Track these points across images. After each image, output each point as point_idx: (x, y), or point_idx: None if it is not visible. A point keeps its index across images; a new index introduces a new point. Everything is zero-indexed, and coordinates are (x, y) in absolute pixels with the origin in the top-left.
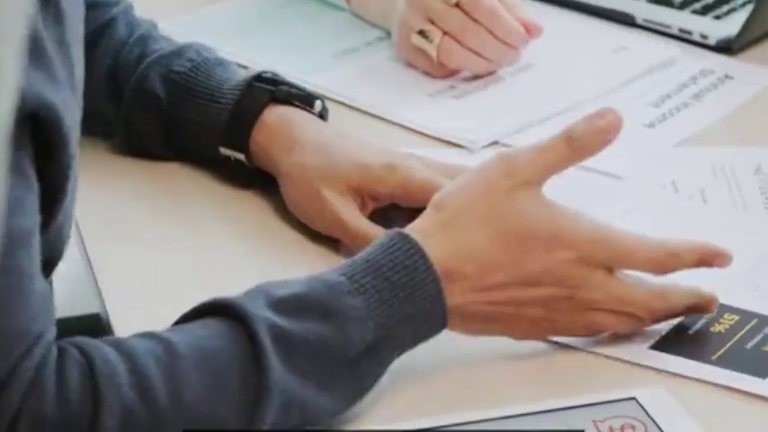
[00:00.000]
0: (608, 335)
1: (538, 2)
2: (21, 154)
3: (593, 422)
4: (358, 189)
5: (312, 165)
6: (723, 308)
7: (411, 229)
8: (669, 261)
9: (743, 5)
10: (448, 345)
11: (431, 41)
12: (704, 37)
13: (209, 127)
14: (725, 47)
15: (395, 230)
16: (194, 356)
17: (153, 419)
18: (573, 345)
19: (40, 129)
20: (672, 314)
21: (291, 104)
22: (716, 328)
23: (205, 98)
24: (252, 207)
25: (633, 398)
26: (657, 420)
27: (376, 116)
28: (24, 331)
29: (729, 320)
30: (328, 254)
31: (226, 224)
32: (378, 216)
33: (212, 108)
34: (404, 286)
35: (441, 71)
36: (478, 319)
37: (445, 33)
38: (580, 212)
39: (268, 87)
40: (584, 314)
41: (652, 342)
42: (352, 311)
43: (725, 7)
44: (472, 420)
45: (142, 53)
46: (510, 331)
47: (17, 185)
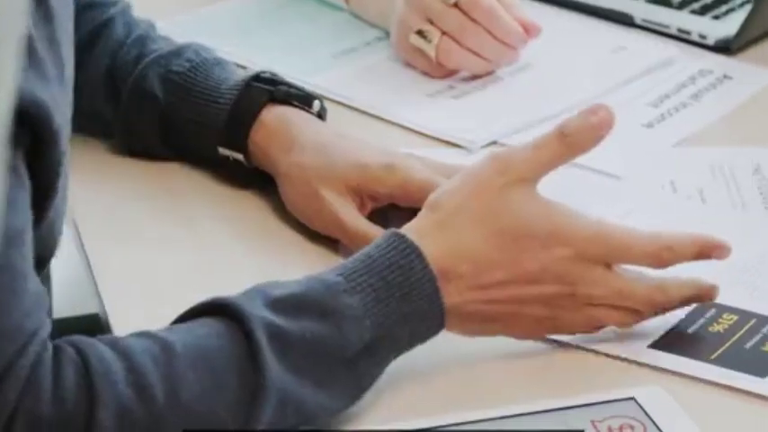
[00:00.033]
0: (607, 333)
1: (536, 2)
2: (12, 152)
3: (591, 422)
4: (357, 189)
5: (311, 165)
6: (722, 308)
7: (407, 230)
8: (667, 254)
9: (741, 5)
10: (447, 345)
11: (429, 41)
12: (703, 37)
13: (207, 127)
14: (723, 47)
15: (391, 230)
16: (191, 355)
17: (150, 418)
18: (572, 344)
19: (31, 126)
20: (672, 306)
21: (290, 104)
22: (714, 328)
23: (204, 98)
24: (251, 207)
25: (632, 398)
26: (656, 420)
27: (375, 116)
28: (18, 329)
29: (728, 320)
30: (327, 254)
31: (225, 224)
32: (377, 216)
33: (211, 108)
34: (400, 285)
35: (439, 71)
36: (477, 319)
37: (444, 33)
38: (576, 209)
39: (266, 87)
40: (584, 310)
41: (651, 341)
42: (348, 310)
43: (723, 7)
44: (471, 420)
45: (140, 53)
46: (511, 331)
47: (9, 184)
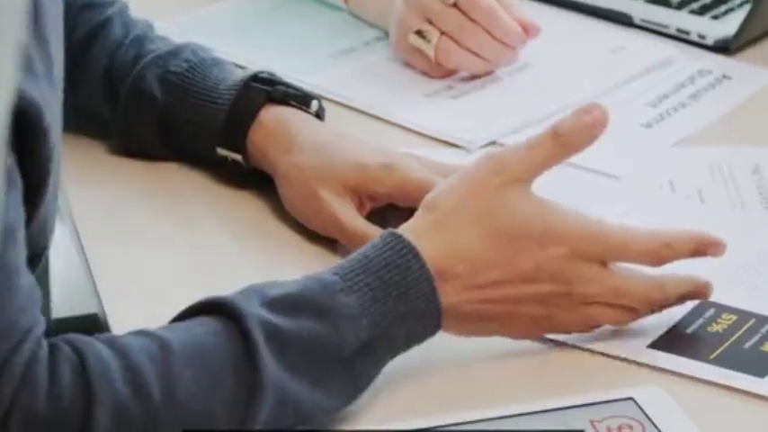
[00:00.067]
0: (606, 333)
1: (535, 2)
2: (4, 150)
3: (590, 422)
4: (355, 189)
5: (309, 165)
6: (721, 308)
7: (404, 230)
8: (663, 252)
9: (740, 5)
10: (445, 344)
11: (428, 41)
12: (702, 37)
13: (205, 127)
14: (722, 47)
15: (388, 230)
16: (188, 354)
17: (146, 416)
18: (570, 344)
19: (21, 124)
20: (668, 303)
21: (288, 104)
22: (713, 328)
23: (202, 99)
24: (249, 207)
25: (631, 398)
26: (655, 420)
27: (373, 116)
28: (12, 326)
29: (727, 320)
30: (326, 254)
31: (223, 224)
32: (375, 216)
33: (209, 108)
34: (397, 285)
35: (438, 71)
36: (473, 319)
37: (443, 33)
38: (571, 208)
39: (264, 87)
40: (580, 309)
41: (650, 341)
42: (345, 309)
43: (722, 7)
44: (469, 420)
45: (138, 54)
46: (507, 330)
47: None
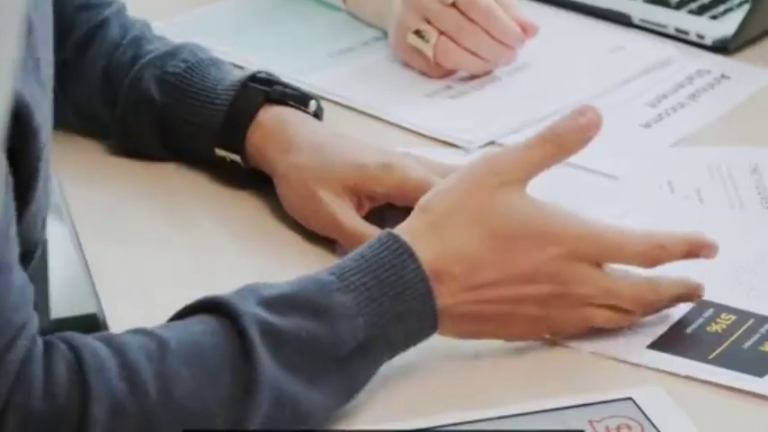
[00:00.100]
0: (605, 333)
1: (534, 1)
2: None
3: (589, 422)
4: (354, 189)
5: (308, 165)
6: (720, 308)
7: (400, 230)
8: (658, 253)
9: (739, 5)
10: (444, 344)
11: (427, 41)
12: (701, 37)
13: (204, 128)
14: (721, 47)
15: (384, 231)
16: (185, 352)
17: (142, 414)
18: (569, 344)
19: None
20: (662, 305)
21: (286, 104)
22: (713, 328)
23: (200, 99)
24: (248, 207)
25: (630, 398)
26: (654, 420)
27: (372, 116)
28: (5, 324)
29: (726, 320)
30: (325, 254)
31: (222, 225)
32: (374, 216)
33: (207, 109)
34: (393, 285)
35: (437, 71)
36: (471, 320)
37: (441, 33)
38: (567, 209)
39: (262, 88)
40: (578, 310)
41: (649, 342)
42: (341, 308)
43: (721, 7)
44: (468, 420)
45: (136, 54)
46: (505, 331)
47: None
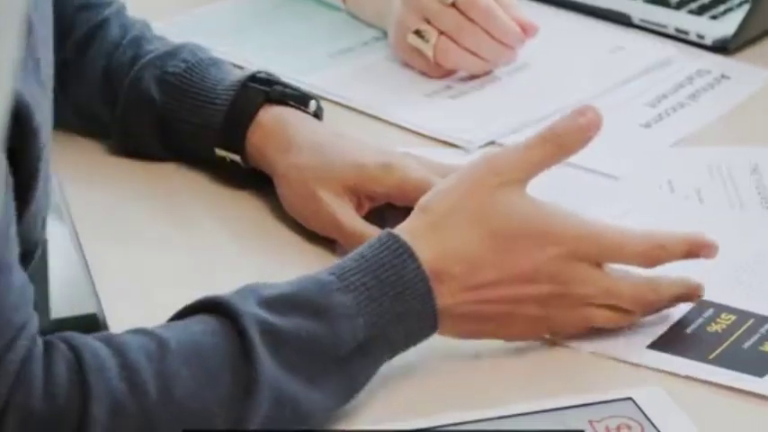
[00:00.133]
0: (605, 333)
1: (534, 1)
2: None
3: (589, 422)
4: (354, 189)
5: (308, 165)
6: (720, 307)
7: (400, 230)
8: (657, 253)
9: (739, 5)
10: (444, 344)
11: (427, 41)
12: (701, 37)
13: (204, 128)
14: (721, 47)
15: (384, 231)
16: (185, 352)
17: (143, 414)
18: (569, 344)
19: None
20: (662, 305)
21: (286, 104)
22: (713, 328)
23: (200, 99)
24: (248, 207)
25: (630, 398)
26: (654, 420)
27: (372, 116)
28: (5, 324)
29: (726, 320)
30: (325, 254)
31: (222, 224)
32: (374, 216)
33: (207, 109)
34: (393, 285)
35: (437, 71)
36: (470, 320)
37: (441, 33)
38: (567, 209)
39: (262, 88)
40: (577, 310)
41: (649, 342)
42: (341, 308)
43: (721, 7)
44: (468, 420)
45: (136, 54)
46: (505, 331)
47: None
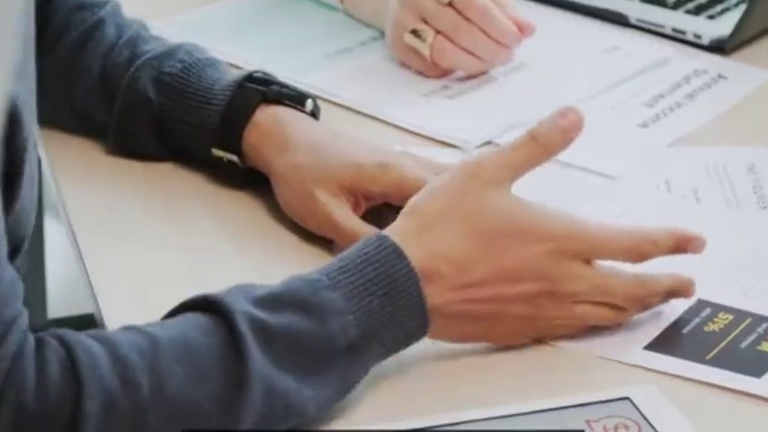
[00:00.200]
0: (602, 335)
1: (531, 1)
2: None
3: (586, 422)
4: (351, 188)
5: (305, 165)
6: (717, 307)
7: (389, 232)
8: (645, 248)
9: (736, 5)
10: (442, 344)
11: (424, 41)
12: (697, 37)
13: (201, 128)
14: (718, 47)
15: (373, 233)
16: (177, 349)
17: (135, 410)
18: (566, 345)
19: None
20: (653, 300)
21: (283, 104)
22: (710, 328)
23: (197, 100)
24: (245, 207)
25: (627, 398)
26: (651, 420)
27: (369, 116)
28: None
29: (723, 320)
30: (322, 254)
31: (219, 224)
32: (371, 215)
33: (204, 109)
34: (381, 283)
35: (434, 71)
36: (460, 319)
37: (438, 32)
38: (555, 208)
39: (259, 88)
40: (568, 308)
41: (646, 342)
42: (330, 304)
43: (718, 7)
44: (466, 420)
45: (132, 54)
46: (496, 330)
47: None
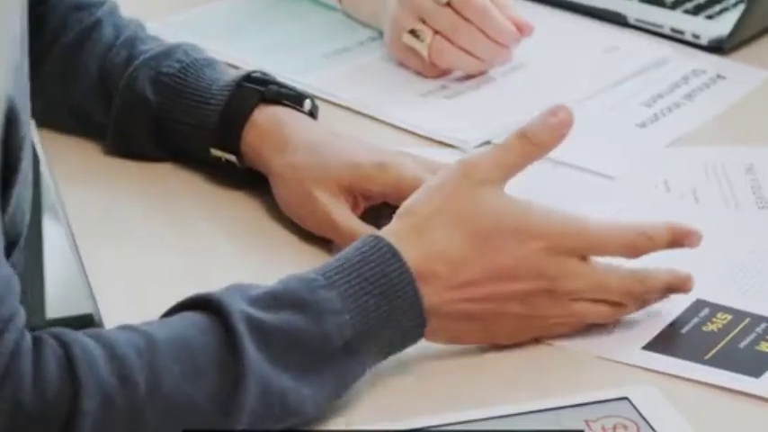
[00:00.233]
0: (601, 335)
1: (529, 1)
2: None
3: (585, 422)
4: (349, 188)
5: (303, 164)
6: (716, 307)
7: (384, 233)
8: (642, 243)
9: (735, 5)
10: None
11: (422, 41)
12: (696, 37)
13: (199, 128)
14: (717, 47)
15: (368, 233)
16: (174, 348)
17: (131, 407)
18: (565, 344)
19: None
20: (650, 296)
21: (281, 104)
22: (708, 328)
23: (195, 100)
24: (244, 207)
25: (625, 398)
26: (650, 420)
27: (368, 116)
28: None
29: (722, 320)
30: (320, 254)
31: (218, 224)
32: (370, 215)
33: (202, 109)
34: (377, 283)
35: (432, 71)
36: (456, 319)
37: (436, 32)
38: (549, 206)
39: (257, 87)
40: (566, 306)
41: (644, 342)
42: (326, 303)
43: (717, 7)
44: (464, 420)
45: (130, 55)
46: (493, 330)
47: None
